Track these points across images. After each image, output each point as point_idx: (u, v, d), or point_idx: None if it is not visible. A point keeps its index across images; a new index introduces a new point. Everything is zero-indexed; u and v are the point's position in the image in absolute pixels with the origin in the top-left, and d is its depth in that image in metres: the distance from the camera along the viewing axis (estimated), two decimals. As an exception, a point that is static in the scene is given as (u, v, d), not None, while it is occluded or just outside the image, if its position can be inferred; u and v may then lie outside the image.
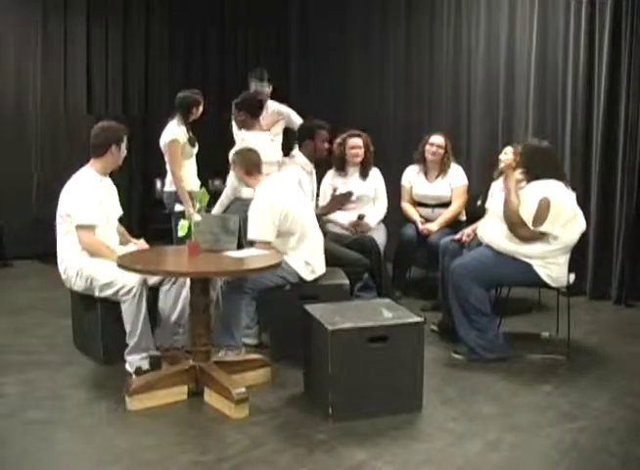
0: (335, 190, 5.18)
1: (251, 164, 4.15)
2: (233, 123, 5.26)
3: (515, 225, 3.94)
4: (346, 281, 4.18)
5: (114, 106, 7.45)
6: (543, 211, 3.87)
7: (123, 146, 4.01)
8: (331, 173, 5.39)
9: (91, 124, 4.23)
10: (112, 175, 4.12)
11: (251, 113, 4.90)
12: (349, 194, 5.07)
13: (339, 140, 5.29)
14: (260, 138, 4.99)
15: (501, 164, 4.94)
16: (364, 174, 5.29)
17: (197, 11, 7.78)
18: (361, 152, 5.25)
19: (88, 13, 7.12)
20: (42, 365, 3.92)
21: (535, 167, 4.04)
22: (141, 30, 7.56)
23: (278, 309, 4.04)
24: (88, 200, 3.85)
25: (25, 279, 6.06)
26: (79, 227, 3.84)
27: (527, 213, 3.90)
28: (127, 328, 3.70)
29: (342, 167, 5.32)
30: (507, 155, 4.92)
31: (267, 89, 5.58)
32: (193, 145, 5.07)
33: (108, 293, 3.73)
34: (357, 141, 5.25)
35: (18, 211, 6.72)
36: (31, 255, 6.55)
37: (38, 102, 6.88)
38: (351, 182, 5.29)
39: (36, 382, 3.68)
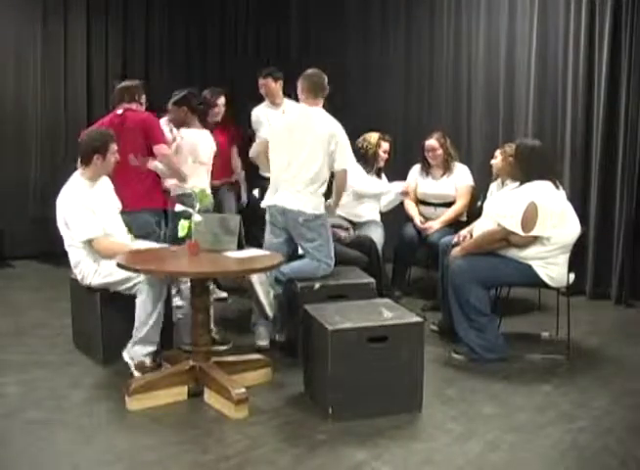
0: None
1: None
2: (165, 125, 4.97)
3: (504, 238, 3.97)
4: (372, 279, 4.18)
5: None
6: (531, 215, 3.88)
7: (109, 154, 3.89)
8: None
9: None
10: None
11: (192, 109, 4.81)
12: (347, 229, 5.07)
13: (372, 140, 5.22)
14: (199, 136, 4.83)
15: (494, 169, 4.96)
16: (379, 174, 5.36)
17: (197, 11, 7.76)
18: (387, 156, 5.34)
19: (88, 12, 7.09)
20: (42, 365, 3.92)
21: (524, 168, 4.06)
22: (141, 30, 7.54)
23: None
24: (82, 215, 3.78)
25: (25, 279, 6.03)
26: (87, 242, 3.81)
27: (517, 220, 3.91)
28: (139, 319, 3.63)
29: (371, 166, 5.27)
30: (497, 159, 4.93)
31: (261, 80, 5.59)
32: None
33: (125, 286, 3.71)
34: (387, 146, 5.29)
35: (17, 211, 6.71)
36: (31, 255, 6.55)
37: (38, 102, 6.87)
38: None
39: (36, 382, 3.68)
